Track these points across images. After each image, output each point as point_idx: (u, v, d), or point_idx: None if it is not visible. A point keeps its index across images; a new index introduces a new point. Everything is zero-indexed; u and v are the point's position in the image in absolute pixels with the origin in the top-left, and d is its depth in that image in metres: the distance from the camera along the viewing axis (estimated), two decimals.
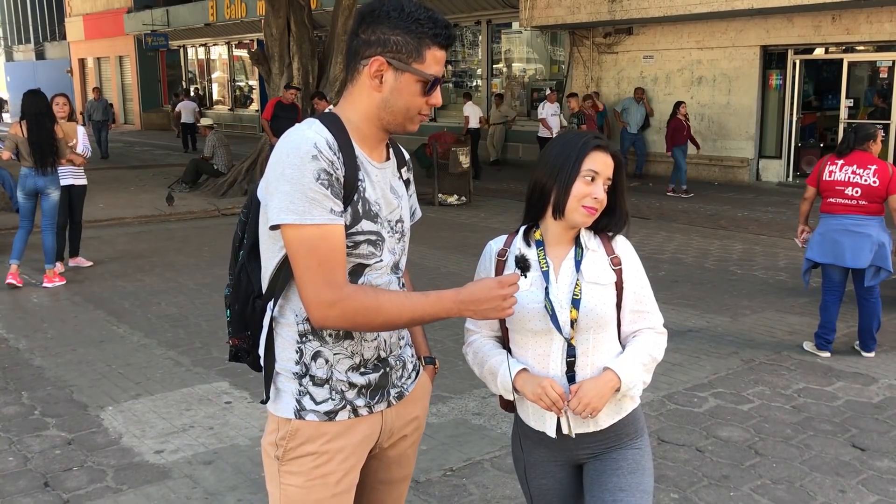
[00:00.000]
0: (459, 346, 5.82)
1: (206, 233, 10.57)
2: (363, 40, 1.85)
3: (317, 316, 1.79)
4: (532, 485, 2.29)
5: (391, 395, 2.00)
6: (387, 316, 1.81)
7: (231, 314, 2.03)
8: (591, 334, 2.12)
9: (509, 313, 1.87)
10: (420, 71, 1.85)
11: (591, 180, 2.11)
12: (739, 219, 11.32)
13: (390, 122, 1.90)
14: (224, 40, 29.88)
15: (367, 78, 1.85)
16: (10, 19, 46.52)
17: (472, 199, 12.98)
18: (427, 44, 1.84)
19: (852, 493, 3.74)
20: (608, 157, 2.14)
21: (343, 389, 1.92)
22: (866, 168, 5.40)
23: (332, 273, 1.77)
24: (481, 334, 2.28)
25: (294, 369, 1.91)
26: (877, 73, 14.25)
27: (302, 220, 1.74)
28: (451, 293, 1.84)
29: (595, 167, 2.11)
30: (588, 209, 2.11)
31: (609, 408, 2.14)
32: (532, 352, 2.17)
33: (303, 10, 14.16)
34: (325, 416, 1.90)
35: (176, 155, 20.80)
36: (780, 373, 5.33)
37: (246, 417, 4.63)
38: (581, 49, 17.52)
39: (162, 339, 6.14)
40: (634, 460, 2.18)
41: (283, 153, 1.78)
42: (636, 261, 2.20)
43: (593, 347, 2.13)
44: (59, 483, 3.88)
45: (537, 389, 2.08)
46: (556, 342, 2.13)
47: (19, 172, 7.69)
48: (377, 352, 1.96)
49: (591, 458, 2.21)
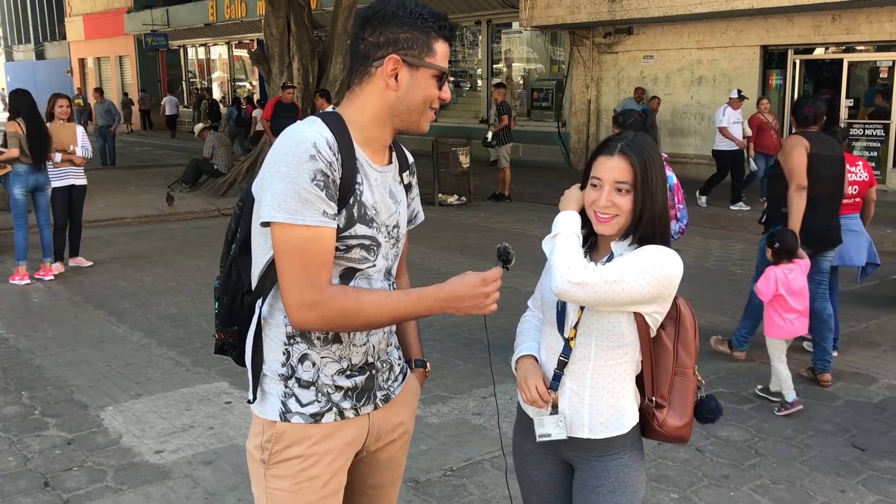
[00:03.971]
0: (459, 346, 5.87)
1: (206, 233, 10.57)
2: (371, 43, 1.84)
3: (296, 318, 1.78)
4: (523, 474, 2.30)
5: (378, 398, 1.99)
6: (367, 317, 1.80)
7: (219, 307, 2.03)
8: (594, 340, 2.08)
9: (492, 310, 1.86)
10: (434, 64, 1.85)
11: (598, 187, 2.07)
12: (739, 219, 11.31)
13: (404, 120, 1.88)
14: (224, 40, 29.88)
15: (382, 79, 1.84)
16: (10, 19, 46.53)
17: (472, 199, 12.98)
18: (434, 37, 1.85)
19: (852, 493, 3.74)
20: (614, 160, 2.06)
21: (329, 392, 1.90)
22: (855, 165, 5.54)
23: (316, 275, 1.75)
24: (533, 313, 2.32)
25: (280, 371, 1.89)
26: (877, 72, 14.25)
27: (292, 220, 1.72)
28: (432, 291, 1.83)
29: (598, 173, 2.08)
30: (597, 216, 2.08)
31: (607, 420, 2.10)
32: (546, 342, 2.19)
33: (303, 10, 14.16)
34: (310, 419, 1.89)
35: (176, 155, 20.78)
36: None
37: (246, 417, 4.63)
38: (581, 49, 17.52)
39: (162, 339, 6.14)
40: (617, 478, 2.12)
41: (281, 150, 1.76)
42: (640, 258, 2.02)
43: (595, 354, 2.09)
44: (59, 483, 3.88)
45: (522, 382, 2.14)
46: (560, 339, 2.13)
47: (13, 170, 7.67)
48: (365, 357, 1.95)
49: (579, 463, 2.18)
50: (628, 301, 2.01)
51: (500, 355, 5.97)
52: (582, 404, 2.11)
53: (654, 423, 2.14)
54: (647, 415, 2.15)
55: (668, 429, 2.13)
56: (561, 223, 2.10)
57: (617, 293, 1.98)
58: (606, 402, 2.11)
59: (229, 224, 2.03)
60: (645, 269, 2.00)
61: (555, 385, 2.13)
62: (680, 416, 2.14)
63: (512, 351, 2.27)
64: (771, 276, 4.69)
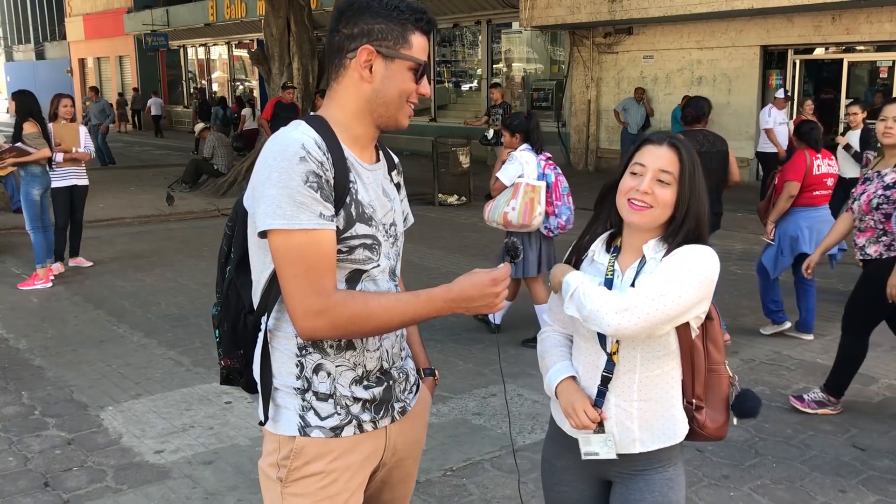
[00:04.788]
0: (459, 346, 5.87)
1: (206, 233, 10.57)
2: (345, 35, 1.80)
3: (304, 326, 1.71)
4: (552, 490, 2.20)
5: (395, 410, 1.93)
6: (377, 321, 1.74)
7: (220, 334, 1.96)
8: (639, 352, 1.98)
9: (501, 307, 1.81)
10: (410, 56, 1.80)
11: (638, 174, 1.98)
12: (739, 219, 11.29)
13: (382, 115, 1.83)
14: (224, 40, 29.86)
15: (356, 70, 1.79)
16: (10, 19, 46.53)
17: (472, 199, 12.99)
18: (411, 29, 1.80)
19: (852, 493, 3.74)
20: (663, 149, 1.97)
21: (348, 404, 1.83)
22: (830, 157, 5.89)
23: (319, 281, 1.69)
24: (553, 328, 2.21)
25: (295, 384, 1.81)
26: (877, 72, 14.26)
27: (290, 226, 1.66)
28: (441, 291, 1.77)
29: (642, 160, 1.98)
30: (631, 204, 1.97)
31: (651, 433, 2.02)
32: (584, 359, 2.09)
33: (303, 10, 14.17)
34: (331, 433, 1.81)
35: (176, 155, 20.78)
36: (780, 373, 5.33)
37: (246, 417, 4.63)
38: (581, 49, 17.52)
39: (162, 339, 6.14)
40: (661, 492, 2.03)
41: (270, 156, 1.71)
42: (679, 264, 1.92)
43: (641, 366, 1.99)
44: (59, 483, 3.88)
45: (569, 409, 2.03)
46: (602, 354, 2.03)
47: (28, 171, 7.65)
48: (380, 362, 1.88)
49: (620, 478, 2.08)
50: (682, 311, 1.90)
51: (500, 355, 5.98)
52: (631, 419, 2.02)
53: (695, 426, 2.06)
54: (687, 418, 2.07)
55: (708, 430, 2.05)
56: (572, 282, 1.99)
57: (668, 307, 1.87)
58: (657, 412, 2.02)
59: (221, 247, 1.97)
60: (689, 274, 1.89)
61: (599, 402, 2.03)
62: (718, 415, 2.06)
63: (511, 349, 2.25)
64: None
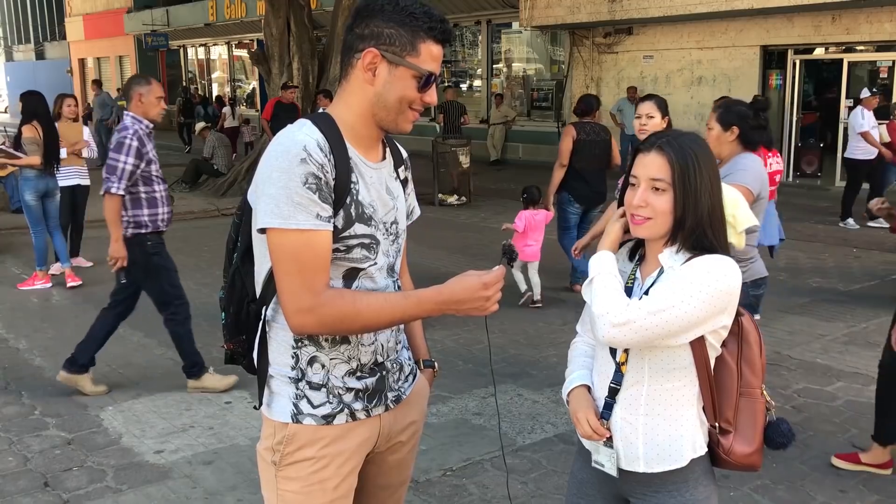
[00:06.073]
0: (459, 346, 5.87)
1: (206, 233, 10.56)
2: (357, 34, 1.82)
3: (294, 322, 1.77)
4: (570, 501, 2.17)
5: (389, 399, 1.97)
6: (365, 321, 1.79)
7: (226, 317, 2.01)
8: (647, 363, 1.92)
9: (493, 310, 1.82)
10: (414, 65, 1.80)
11: (634, 186, 1.94)
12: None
13: (383, 118, 1.85)
14: (224, 40, 29.88)
15: (361, 71, 1.81)
16: (10, 19, 46.51)
17: (472, 199, 12.98)
18: (422, 37, 1.80)
19: (852, 493, 3.74)
20: (651, 156, 1.91)
21: (340, 393, 1.88)
22: (776, 154, 5.95)
23: (312, 279, 1.74)
24: (583, 339, 2.18)
25: (290, 374, 1.88)
26: (877, 73, 14.25)
27: (286, 225, 1.71)
28: (431, 293, 1.80)
29: (635, 171, 1.94)
30: (632, 218, 1.94)
31: (664, 451, 1.94)
32: (598, 367, 2.05)
33: (303, 10, 14.17)
34: (322, 420, 1.87)
35: (176, 155, 20.78)
36: (780, 373, 5.33)
37: (246, 417, 4.63)
38: (581, 49, 17.53)
39: (162, 339, 6.13)
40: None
41: (272, 156, 1.76)
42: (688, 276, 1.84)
43: (649, 378, 1.92)
44: (59, 483, 3.88)
45: (574, 417, 2.01)
46: (612, 363, 1.99)
47: (22, 174, 7.65)
48: (374, 356, 1.93)
49: (635, 499, 2.03)
50: (684, 328, 1.82)
51: (500, 355, 5.99)
52: (636, 434, 1.94)
53: (720, 451, 1.95)
54: (712, 442, 1.97)
55: (735, 456, 1.94)
56: (595, 266, 1.95)
57: (668, 322, 1.80)
58: (663, 430, 1.93)
59: (229, 234, 2.01)
60: (697, 288, 1.81)
61: (606, 414, 1.98)
62: (748, 442, 1.94)
63: (511, 349, 2.25)
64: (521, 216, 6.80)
